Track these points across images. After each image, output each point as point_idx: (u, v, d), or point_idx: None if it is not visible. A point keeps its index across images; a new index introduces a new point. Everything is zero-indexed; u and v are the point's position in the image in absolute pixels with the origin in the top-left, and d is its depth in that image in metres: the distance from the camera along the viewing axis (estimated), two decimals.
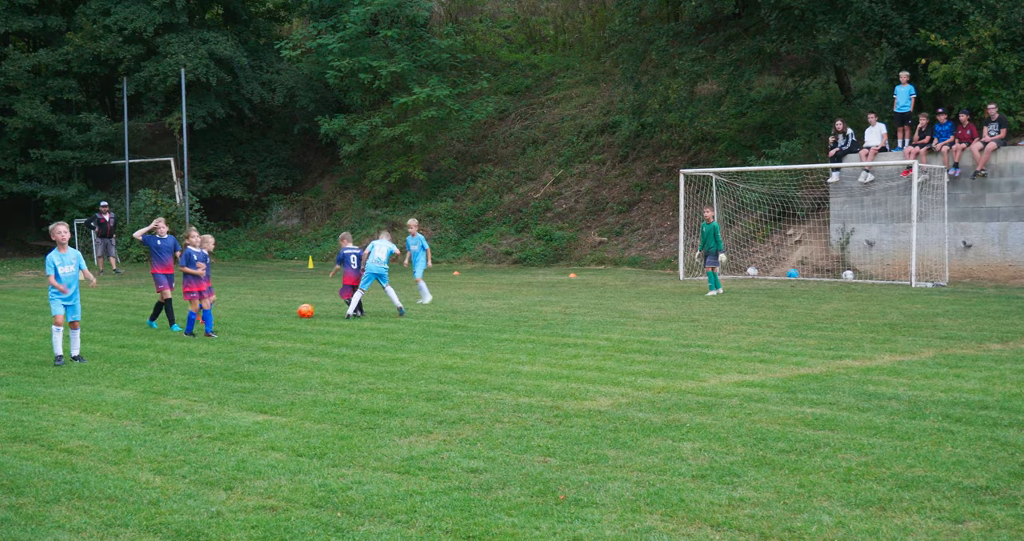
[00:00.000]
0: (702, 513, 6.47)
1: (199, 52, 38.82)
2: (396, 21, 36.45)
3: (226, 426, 9.82)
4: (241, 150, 42.85)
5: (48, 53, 40.37)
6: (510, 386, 11.38)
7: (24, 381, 12.82)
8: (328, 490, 7.31)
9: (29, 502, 7.15)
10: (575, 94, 39.31)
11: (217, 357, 14.49)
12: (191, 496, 7.24)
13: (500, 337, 15.93)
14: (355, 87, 37.32)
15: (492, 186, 36.72)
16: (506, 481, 7.42)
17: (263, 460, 8.42)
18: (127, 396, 11.57)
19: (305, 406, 10.65)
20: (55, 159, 40.24)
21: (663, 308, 19.81)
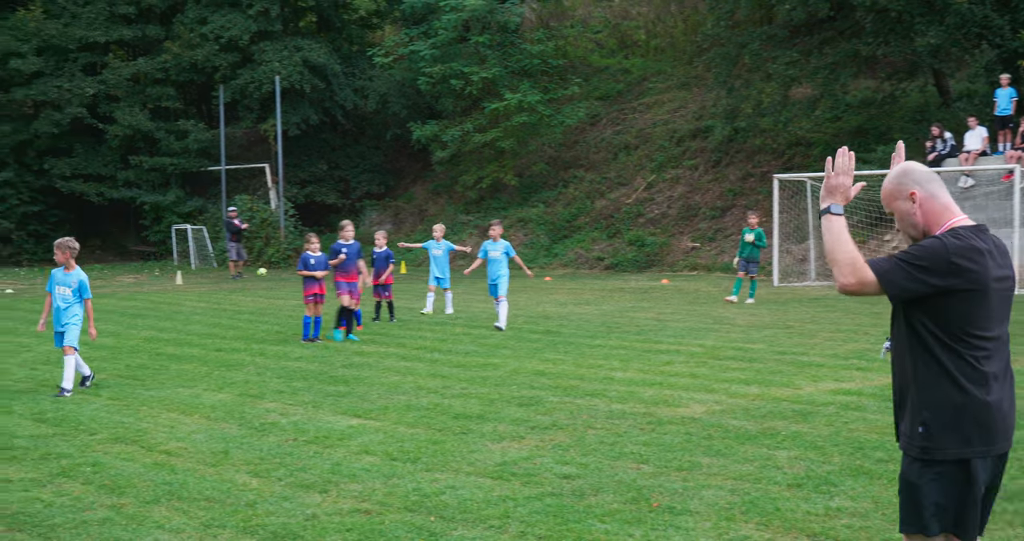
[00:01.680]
0: (798, 522, 6.91)
1: (293, 59, 41.11)
2: (487, 27, 37.88)
3: (321, 429, 10.62)
4: (334, 156, 44.75)
5: (147, 62, 42.90)
6: (603, 392, 12.10)
7: (125, 383, 13.84)
8: (421, 494, 8.00)
9: (130, 502, 7.90)
10: (667, 99, 40.44)
11: (312, 361, 15.58)
12: (287, 499, 8.00)
13: (592, 343, 16.64)
14: (447, 93, 38.75)
15: (583, 191, 38.00)
16: (599, 488, 8.01)
17: (357, 464, 9.10)
18: (224, 399, 12.54)
19: (398, 410, 11.46)
20: (154, 166, 42.75)
21: (757, 315, 20.54)
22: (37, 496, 8.15)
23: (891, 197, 4.69)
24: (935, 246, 4.39)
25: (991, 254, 4.45)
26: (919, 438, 4.47)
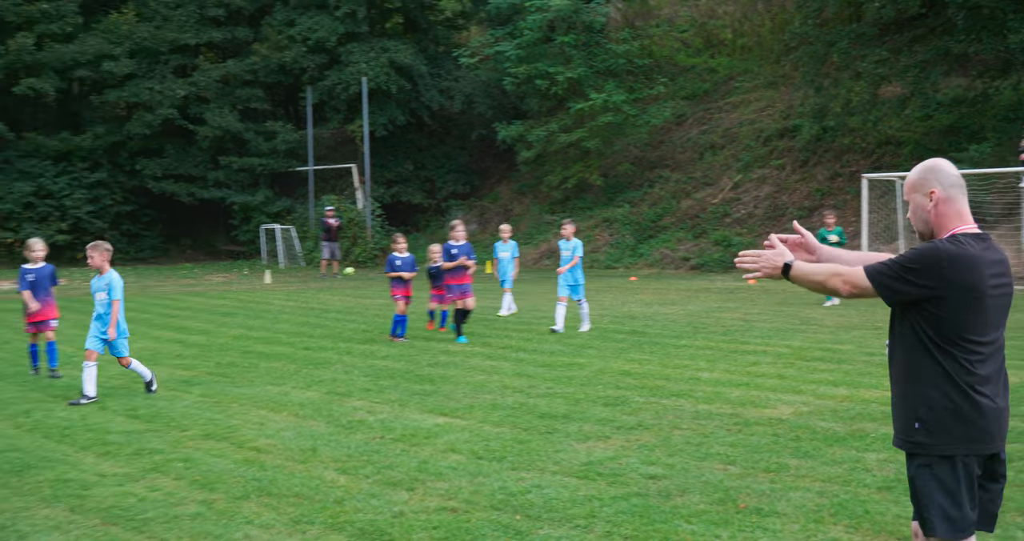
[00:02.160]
0: (888, 526, 6.99)
1: (380, 61, 42.24)
2: (572, 27, 38.53)
3: (407, 428, 10.91)
4: (420, 156, 45.68)
5: (236, 64, 44.30)
6: (689, 393, 12.27)
7: (215, 381, 14.25)
8: (508, 493, 8.19)
9: (221, 498, 8.19)
10: (754, 98, 41.03)
11: (398, 360, 15.89)
12: (374, 496, 8.22)
13: (678, 343, 16.85)
14: (532, 93, 39.79)
15: (669, 191, 38.52)
16: (685, 488, 8.14)
17: (444, 462, 9.34)
18: (312, 397, 12.89)
19: (484, 409, 11.70)
20: (243, 166, 43.98)
21: (845, 315, 20.64)
22: (130, 491, 8.53)
23: (912, 188, 4.88)
24: (929, 251, 4.67)
25: (987, 262, 4.65)
26: (915, 434, 4.77)
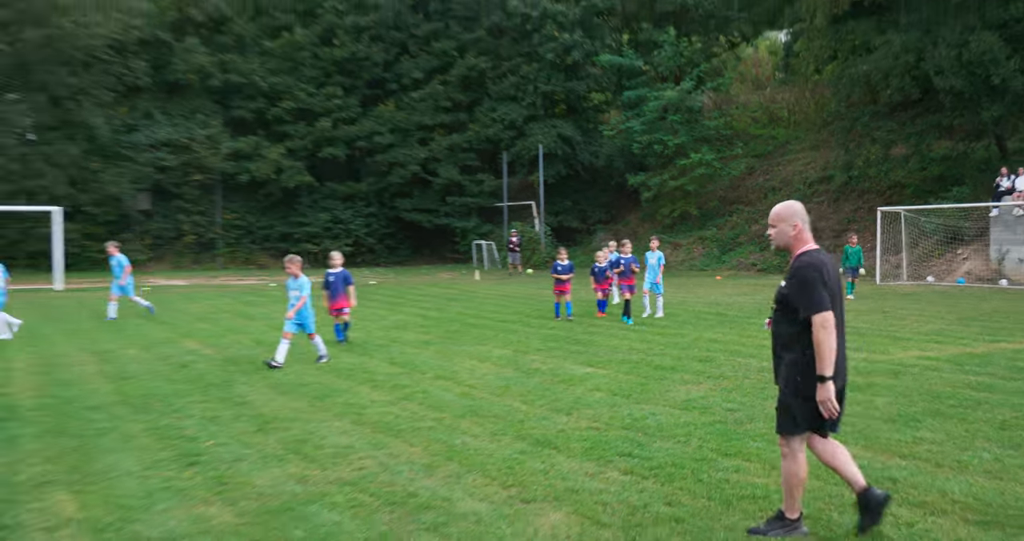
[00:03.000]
0: (892, 447, 7.11)
1: (550, 134, 44.28)
2: (679, 109, 39.55)
3: (567, 374, 10.84)
4: (576, 196, 46.74)
5: (458, 136, 46.27)
6: (757, 354, 12.08)
7: (443, 341, 14.49)
8: (633, 418, 8.29)
9: (447, 416, 8.57)
10: (801, 156, 41.49)
11: (560, 330, 15.89)
12: (544, 418, 8.44)
13: (750, 321, 16.93)
14: (651, 154, 40.41)
15: (743, 219, 39.26)
16: (752, 418, 8.23)
17: (590, 397, 9.36)
18: (505, 353, 12.89)
19: (617, 363, 11.59)
20: (462, 203, 46.37)
21: (863, 303, 20.71)
22: (390, 411, 8.94)
23: (780, 219, 5.25)
24: (810, 263, 5.10)
25: (825, 265, 5.06)
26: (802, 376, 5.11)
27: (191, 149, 44.11)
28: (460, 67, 46.23)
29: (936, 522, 5.49)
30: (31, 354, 13.76)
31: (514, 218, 45.37)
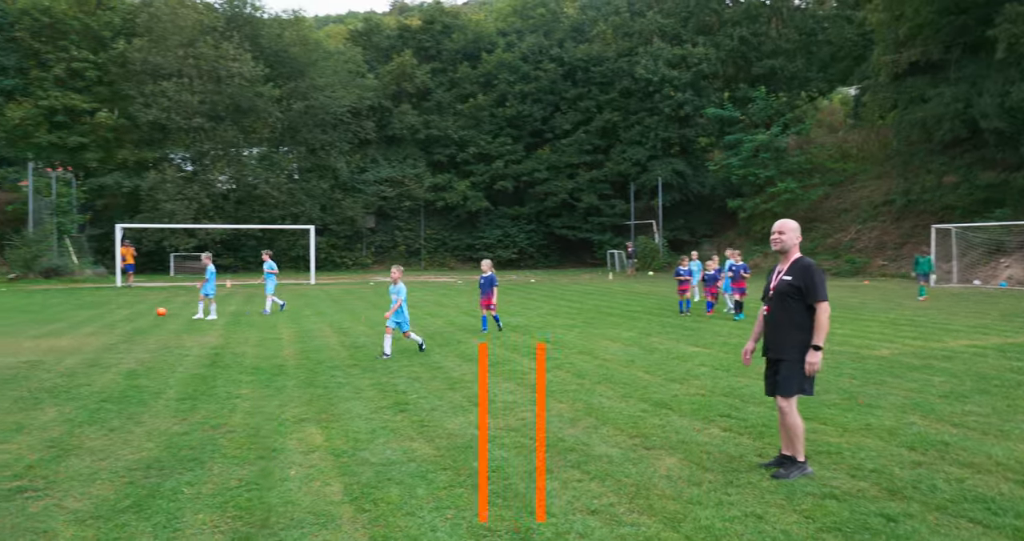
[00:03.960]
0: (945, 417, 6.74)
1: (667, 169, 43.63)
2: (768, 149, 38.82)
3: (680, 352, 10.54)
4: (687, 216, 45.38)
5: (596, 172, 46.00)
6: (828, 339, 11.39)
7: (585, 326, 14.23)
8: (731, 388, 8.03)
9: (587, 382, 8.22)
10: (868, 185, 39.81)
11: (678, 319, 15.43)
12: (662, 386, 8.15)
13: (833, 315, 15.05)
14: (746, 184, 39.81)
15: (821, 234, 37.77)
16: (828, 390, 7.80)
17: (698, 370, 9.09)
18: (631, 335, 12.66)
19: (720, 345, 11.30)
20: (599, 222, 45.68)
21: (917, 302, 19.90)
22: (551, 378, 8.70)
23: (790, 229, 5.26)
24: (813, 264, 5.11)
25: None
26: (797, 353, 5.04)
27: (403, 183, 46.32)
28: (598, 120, 46.10)
29: (982, 479, 5.21)
30: (293, 329, 14.27)
31: (639, 233, 44.74)
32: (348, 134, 45.15)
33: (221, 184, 41.99)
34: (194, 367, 10.00)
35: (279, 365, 10.10)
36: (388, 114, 46.83)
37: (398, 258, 46.86)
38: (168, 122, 39.78)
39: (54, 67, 40.67)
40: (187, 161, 42.67)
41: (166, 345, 12.22)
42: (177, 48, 40.16)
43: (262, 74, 41.71)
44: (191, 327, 14.65)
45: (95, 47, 41.99)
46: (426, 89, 48.45)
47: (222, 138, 41.39)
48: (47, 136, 39.73)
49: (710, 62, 44.70)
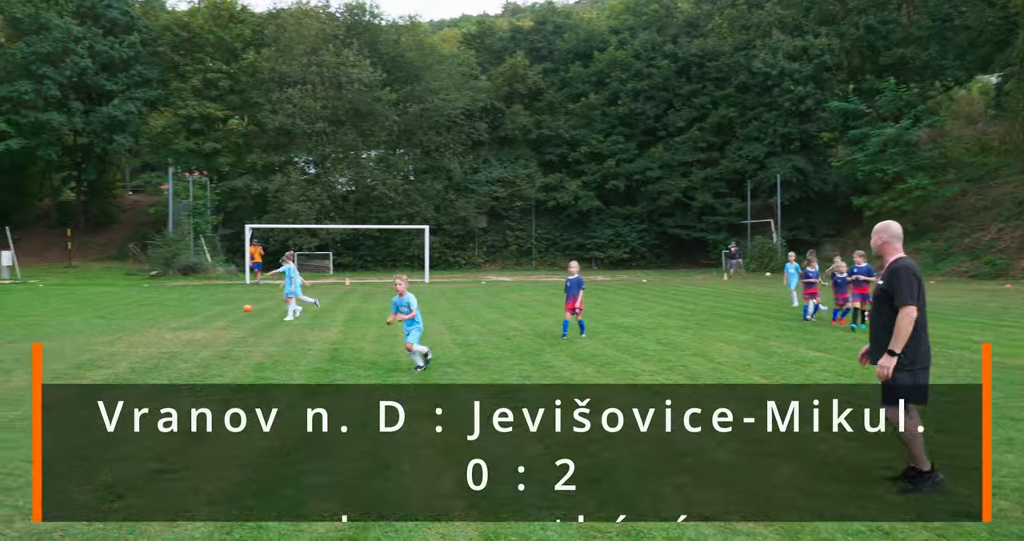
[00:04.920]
0: None
1: (787, 166, 42.55)
2: (898, 144, 37.01)
3: (799, 357, 10.52)
4: (808, 214, 44.34)
5: (711, 169, 45.09)
6: (966, 347, 11.27)
7: (698, 327, 14.23)
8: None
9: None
10: (1012, 180, 37.74)
11: (795, 321, 15.26)
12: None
13: (960, 319, 15.58)
14: (872, 180, 38.40)
15: (957, 233, 36.23)
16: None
17: (819, 376, 9.12)
18: (748, 338, 12.49)
19: (843, 350, 11.23)
20: (714, 221, 44.81)
21: None
22: (656, 379, 8.99)
23: (880, 232, 5.27)
24: (905, 266, 5.05)
25: (917, 268, 5.00)
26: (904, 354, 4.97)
27: (515, 184, 47.17)
28: (714, 116, 45.54)
29: None
30: None
31: (756, 233, 43.87)
32: (461, 135, 46.33)
33: (341, 186, 43.96)
34: (316, 361, 10.49)
35: (395, 361, 10.47)
36: (500, 115, 47.76)
37: (510, 257, 47.52)
38: (293, 127, 41.99)
39: (191, 78, 43.79)
40: (310, 164, 44.87)
41: (290, 340, 12.89)
42: (301, 56, 42.30)
43: (380, 79, 43.40)
44: (313, 323, 15.40)
45: (228, 58, 44.99)
46: (538, 89, 49.11)
47: (342, 141, 43.31)
48: (185, 143, 42.89)
49: (833, 53, 43.32)
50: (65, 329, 14.44)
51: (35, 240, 47.62)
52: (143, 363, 10.50)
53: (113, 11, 44.45)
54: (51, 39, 40.57)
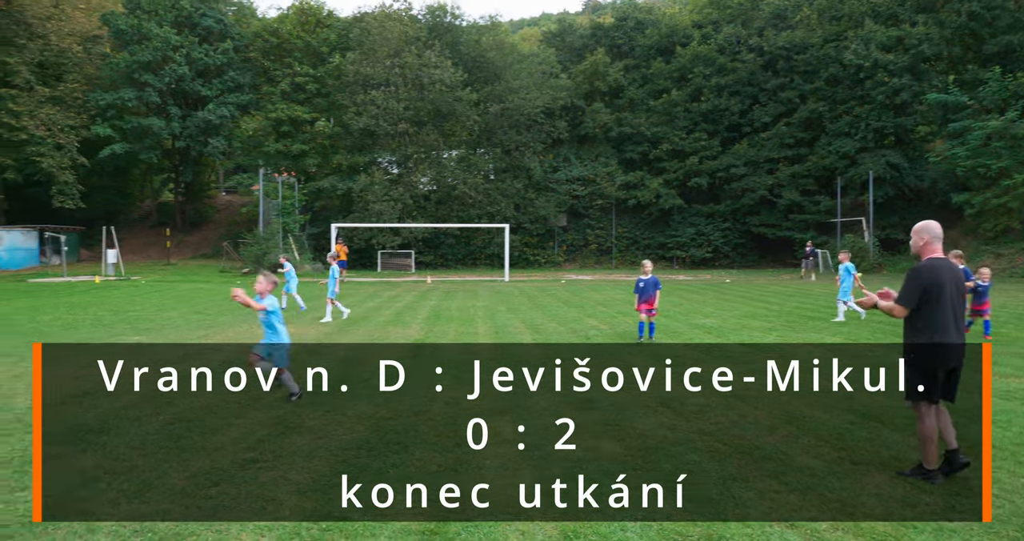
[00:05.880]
0: None
1: (880, 161, 40.64)
2: (1003, 137, 35.18)
3: (893, 361, 10.84)
4: (903, 212, 42.05)
5: (799, 166, 43.72)
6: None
7: (784, 329, 14.81)
8: (956, 404, 6.52)
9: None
10: None
11: (890, 324, 16.88)
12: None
13: None
14: (974, 176, 36.58)
15: None
16: None
17: None
18: (836, 341, 12.86)
19: None
20: (801, 219, 43.54)
21: None
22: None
23: (916, 233, 5.33)
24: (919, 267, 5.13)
25: (937, 270, 4.98)
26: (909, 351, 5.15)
27: (595, 182, 46.98)
28: (802, 111, 44.27)
29: None
30: (489, 325, 14.94)
31: (845, 231, 42.42)
32: (541, 134, 46.53)
33: (423, 185, 44.78)
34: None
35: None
36: (580, 113, 47.79)
37: (589, 256, 47.40)
38: (377, 128, 43.03)
39: (280, 82, 45.54)
40: (393, 164, 45.87)
41: (373, 336, 13.20)
42: (385, 59, 43.29)
43: (461, 79, 44.02)
44: (396, 320, 15.69)
45: (314, 62, 46.55)
46: (618, 86, 48.88)
47: (424, 142, 44.10)
48: (274, 145, 44.67)
49: (932, 43, 41.46)
50: (165, 324, 15.20)
51: (137, 239, 50.38)
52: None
53: (208, 20, 46.56)
54: (152, 48, 42.87)
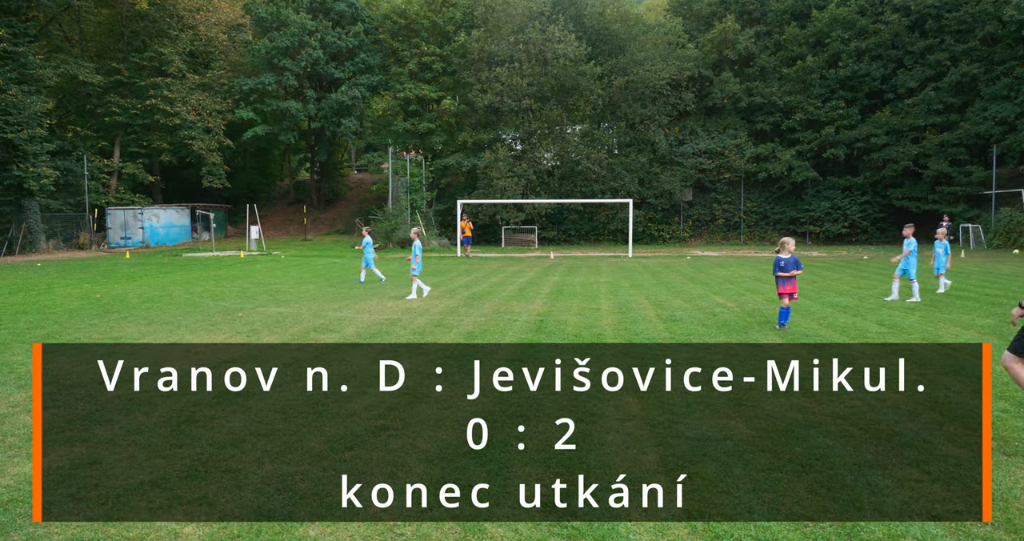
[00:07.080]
0: None
1: None
2: None
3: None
4: None
5: (948, 134, 40.23)
6: None
7: (928, 308, 14.60)
8: None
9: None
10: None
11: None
12: None
13: None
14: None
15: None
16: None
17: None
18: (989, 323, 11.60)
19: None
20: (950, 191, 40.80)
21: None
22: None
23: None
24: None
25: None
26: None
27: (723, 155, 45.85)
28: (952, 74, 41.10)
29: None
30: (612, 301, 14.93)
31: (1002, 204, 39.60)
32: (667, 107, 45.62)
33: (546, 161, 44.98)
34: (521, 332, 10.90)
35: (598, 334, 10.59)
36: (708, 84, 46.54)
37: (716, 231, 46.31)
38: (501, 105, 43.47)
39: (408, 62, 46.79)
40: (517, 141, 46.25)
41: (498, 310, 13.47)
42: (509, 35, 43.52)
43: (585, 53, 43.60)
44: (520, 295, 15.91)
45: (440, 41, 47.50)
46: (749, 54, 47.05)
47: (548, 117, 44.19)
48: (402, 124, 46.20)
49: None
50: (302, 296, 16.13)
51: (277, 216, 53.53)
52: (368, 328, 11.50)
53: (340, 4, 48.36)
54: (289, 34, 45.08)
